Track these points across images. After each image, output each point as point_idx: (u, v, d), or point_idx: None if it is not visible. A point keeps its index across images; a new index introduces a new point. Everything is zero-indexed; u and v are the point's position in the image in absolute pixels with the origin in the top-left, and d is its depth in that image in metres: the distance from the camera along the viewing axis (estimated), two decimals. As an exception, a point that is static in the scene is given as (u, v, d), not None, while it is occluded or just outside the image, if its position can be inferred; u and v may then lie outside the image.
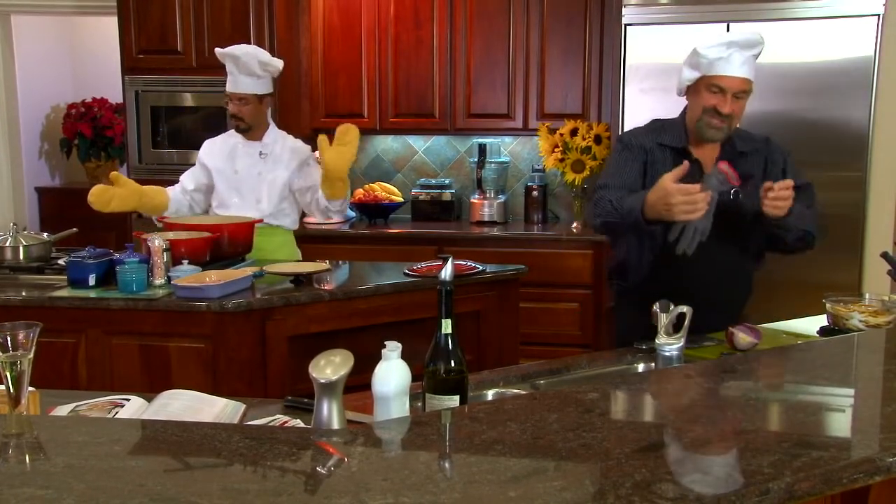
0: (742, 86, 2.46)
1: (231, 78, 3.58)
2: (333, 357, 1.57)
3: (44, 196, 6.17)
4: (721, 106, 2.45)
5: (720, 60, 2.44)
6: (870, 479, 1.32)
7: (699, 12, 4.21)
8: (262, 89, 3.61)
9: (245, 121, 3.61)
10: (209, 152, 3.74)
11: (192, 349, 2.87)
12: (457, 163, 5.30)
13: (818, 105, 4.13)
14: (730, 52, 2.43)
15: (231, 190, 3.67)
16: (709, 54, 2.44)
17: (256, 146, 3.67)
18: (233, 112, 3.61)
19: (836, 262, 4.17)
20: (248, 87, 3.58)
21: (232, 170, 3.67)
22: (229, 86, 3.60)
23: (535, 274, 3.91)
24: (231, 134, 3.73)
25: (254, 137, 3.67)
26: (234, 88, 3.58)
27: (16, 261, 3.28)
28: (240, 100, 3.58)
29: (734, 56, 2.43)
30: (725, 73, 2.44)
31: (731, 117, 2.48)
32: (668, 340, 2.12)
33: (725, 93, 2.45)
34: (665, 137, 2.60)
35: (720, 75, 2.44)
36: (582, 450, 1.34)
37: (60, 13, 5.76)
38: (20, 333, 1.50)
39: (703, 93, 2.48)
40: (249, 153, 3.66)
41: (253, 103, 3.60)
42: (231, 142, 3.71)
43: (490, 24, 4.85)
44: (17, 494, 1.17)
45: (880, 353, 2.03)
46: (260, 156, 3.66)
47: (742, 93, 2.47)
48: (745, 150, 2.59)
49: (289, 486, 1.21)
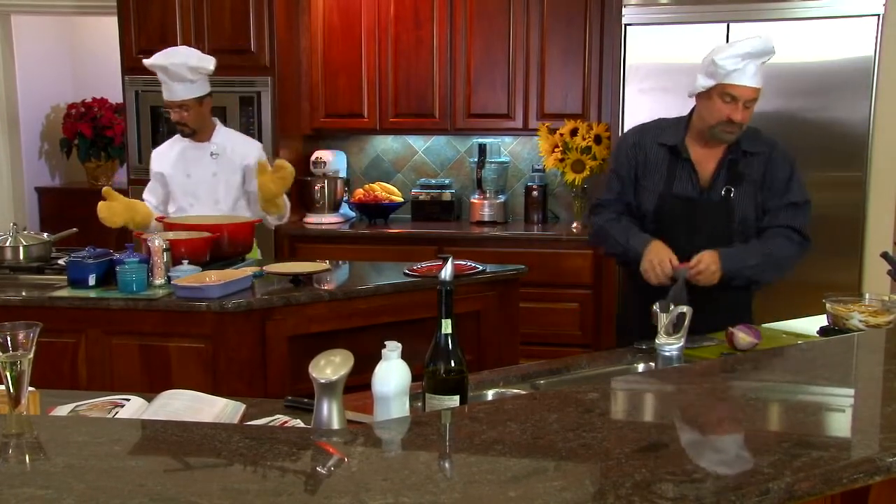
0: (754, 94, 2.53)
1: (165, 87, 3.53)
2: (333, 357, 1.57)
3: (44, 196, 6.17)
4: (734, 115, 2.52)
5: (736, 71, 2.49)
6: (870, 479, 1.32)
7: (699, 12, 4.21)
8: (198, 92, 3.55)
9: (189, 126, 3.60)
10: (160, 162, 3.71)
11: (192, 349, 2.87)
12: (457, 163, 5.30)
13: (818, 105, 4.12)
14: (745, 63, 2.48)
15: (187, 194, 3.67)
16: (726, 65, 2.48)
17: (206, 147, 3.66)
18: (175, 120, 3.58)
19: (836, 262, 4.17)
20: (183, 93, 3.53)
21: (184, 174, 3.66)
22: (165, 95, 3.55)
23: (535, 274, 3.91)
24: (177, 139, 3.72)
25: (202, 139, 3.66)
26: (170, 97, 3.54)
27: (16, 261, 3.28)
28: (179, 107, 3.55)
29: (749, 66, 2.49)
30: (740, 82, 2.49)
31: (742, 124, 2.55)
32: (668, 340, 2.12)
33: (738, 101, 2.51)
34: (664, 136, 2.67)
35: (735, 84, 2.50)
36: (582, 450, 1.34)
37: (60, 13, 5.76)
38: (20, 333, 1.50)
39: (716, 100, 2.54)
40: (200, 156, 3.65)
41: (193, 108, 3.56)
42: (178, 147, 3.69)
43: (490, 24, 4.85)
44: (17, 494, 1.17)
45: (880, 353, 2.03)
46: (212, 156, 3.65)
47: (752, 101, 2.54)
48: (750, 150, 2.63)
49: (289, 486, 1.21)
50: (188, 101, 3.54)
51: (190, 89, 3.53)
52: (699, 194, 2.62)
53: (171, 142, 3.75)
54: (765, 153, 2.65)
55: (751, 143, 2.63)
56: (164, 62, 3.49)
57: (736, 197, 2.59)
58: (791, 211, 2.63)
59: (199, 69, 3.53)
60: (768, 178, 2.62)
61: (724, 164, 2.62)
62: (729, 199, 2.59)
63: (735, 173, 2.60)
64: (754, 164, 2.63)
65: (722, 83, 2.51)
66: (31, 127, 6.10)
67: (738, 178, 2.60)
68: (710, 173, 2.63)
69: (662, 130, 2.70)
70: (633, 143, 2.71)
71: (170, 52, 3.57)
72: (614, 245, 2.65)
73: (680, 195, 2.62)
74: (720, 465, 1.28)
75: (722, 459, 1.31)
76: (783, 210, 2.62)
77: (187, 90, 3.53)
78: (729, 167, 2.61)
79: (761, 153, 2.64)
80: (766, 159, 2.64)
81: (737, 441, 1.40)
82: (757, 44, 2.49)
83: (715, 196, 2.61)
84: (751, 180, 2.62)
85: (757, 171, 2.63)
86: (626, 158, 2.70)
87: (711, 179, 2.63)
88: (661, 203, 2.65)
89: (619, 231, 2.64)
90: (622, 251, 2.63)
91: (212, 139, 3.66)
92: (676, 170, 2.63)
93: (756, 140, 2.66)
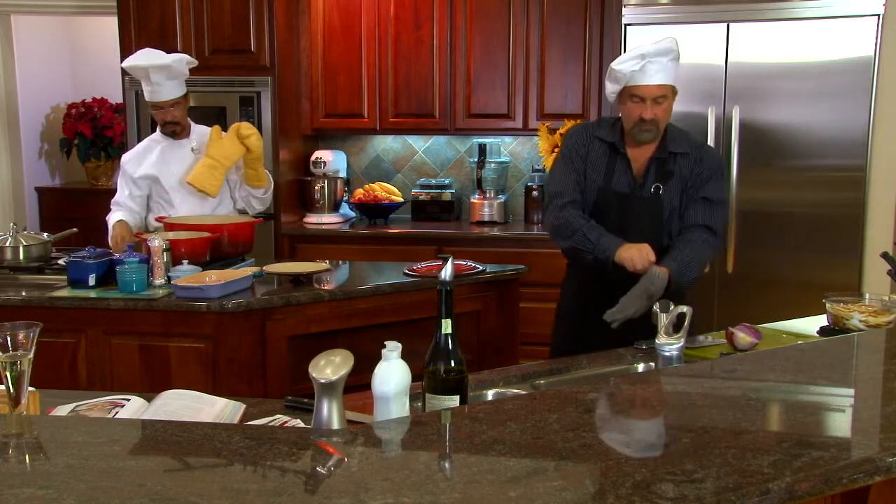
0: (659, 91, 2.64)
1: (156, 88, 3.53)
2: (333, 357, 1.57)
3: (44, 196, 6.16)
4: (644, 113, 2.64)
5: (635, 73, 2.63)
6: (870, 479, 1.32)
7: (699, 12, 4.21)
8: (184, 89, 3.63)
9: (180, 124, 3.64)
10: (138, 165, 3.67)
11: (192, 349, 2.87)
12: (457, 163, 5.30)
13: (818, 105, 4.12)
14: (643, 63, 2.61)
15: (173, 191, 3.65)
16: (624, 69, 2.64)
17: (185, 143, 3.68)
18: (168, 119, 3.60)
19: (836, 262, 4.17)
20: (176, 91, 3.57)
21: (169, 173, 3.65)
22: (158, 96, 3.55)
23: (535, 274, 3.91)
24: (151, 139, 3.73)
25: (182, 137, 3.68)
26: (162, 97, 3.55)
27: (16, 261, 3.28)
28: (172, 106, 3.57)
29: (647, 66, 2.62)
30: (641, 82, 2.63)
31: (656, 120, 2.64)
32: (668, 340, 2.12)
33: (645, 100, 2.63)
34: (602, 132, 2.79)
35: (637, 85, 2.63)
36: (582, 450, 1.34)
37: (60, 13, 5.75)
38: (20, 333, 1.50)
39: (628, 102, 2.68)
40: (181, 153, 3.66)
41: (182, 104, 3.62)
42: (155, 147, 3.69)
43: (490, 24, 4.85)
44: (17, 494, 1.17)
45: (880, 353, 2.03)
46: (192, 152, 3.67)
47: (661, 97, 2.64)
48: (676, 150, 2.73)
49: (289, 486, 1.21)
50: (179, 98, 3.59)
51: (181, 86, 3.59)
52: (632, 190, 2.73)
53: (145, 145, 3.74)
54: (691, 152, 2.74)
55: (676, 145, 2.74)
56: (166, 61, 3.50)
57: (665, 193, 2.70)
58: (705, 207, 2.71)
59: (192, 63, 3.62)
60: (694, 173, 2.73)
61: (653, 163, 2.72)
62: (658, 195, 2.70)
63: (664, 171, 2.71)
64: (683, 163, 2.73)
65: (626, 86, 2.65)
66: (31, 127, 6.10)
67: (667, 175, 2.71)
68: (641, 170, 2.74)
69: (602, 127, 2.82)
70: (580, 137, 2.82)
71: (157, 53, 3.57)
72: (583, 241, 2.69)
73: (617, 190, 2.73)
74: (720, 465, 1.28)
75: (722, 459, 1.31)
76: (698, 204, 2.71)
77: (179, 88, 3.58)
78: (658, 165, 2.71)
79: (689, 154, 2.74)
80: (697, 158, 2.74)
81: (737, 441, 1.39)
82: (652, 46, 2.63)
83: (646, 192, 2.71)
84: (680, 178, 2.72)
85: (686, 168, 2.73)
86: (576, 153, 2.80)
87: (643, 176, 2.73)
88: (599, 197, 2.75)
89: (589, 229, 2.69)
90: (591, 248, 2.67)
91: (190, 136, 3.70)
92: (615, 166, 2.74)
93: (682, 142, 2.76)
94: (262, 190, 3.72)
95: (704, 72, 4.22)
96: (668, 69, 2.65)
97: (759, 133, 4.19)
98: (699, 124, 4.12)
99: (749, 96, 4.18)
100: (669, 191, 2.71)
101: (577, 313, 2.84)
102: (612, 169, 2.73)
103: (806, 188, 4.20)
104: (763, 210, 4.24)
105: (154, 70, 3.49)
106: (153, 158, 3.67)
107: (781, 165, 4.21)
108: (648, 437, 1.47)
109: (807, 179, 4.20)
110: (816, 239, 4.21)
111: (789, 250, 4.23)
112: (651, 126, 2.65)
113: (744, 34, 4.16)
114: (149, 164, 3.66)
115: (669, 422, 1.56)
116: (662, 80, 2.63)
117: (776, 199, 4.23)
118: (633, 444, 1.42)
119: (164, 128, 3.65)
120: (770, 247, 4.25)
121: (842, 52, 4.07)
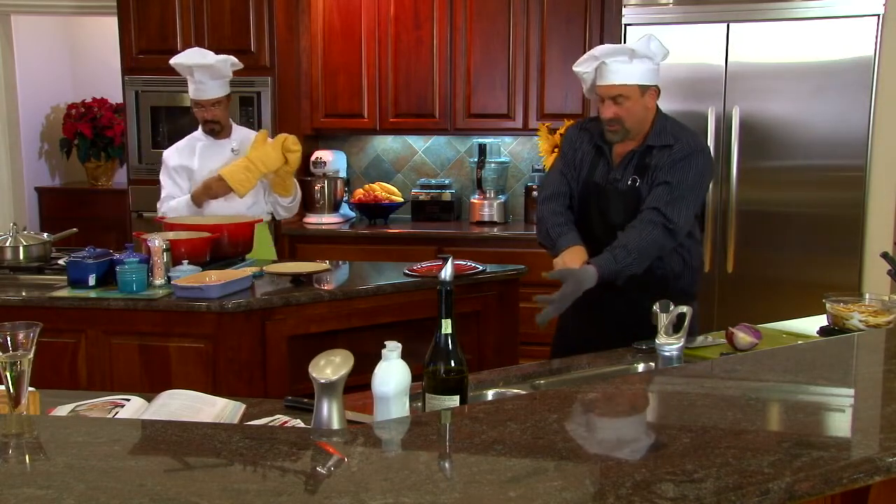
0: (616, 91, 2.65)
1: (201, 86, 3.60)
2: (333, 357, 1.57)
3: (44, 196, 6.17)
4: (603, 112, 2.67)
5: (589, 74, 2.70)
6: (870, 479, 1.32)
7: (699, 12, 4.21)
8: (228, 90, 3.70)
9: (221, 123, 3.70)
10: (182, 157, 3.74)
11: (192, 349, 2.87)
12: (457, 163, 5.30)
13: (818, 105, 4.13)
14: (597, 63, 2.66)
15: None
16: (579, 70, 2.72)
17: (225, 143, 3.73)
18: (209, 118, 3.66)
19: (836, 262, 4.17)
20: (219, 90, 3.65)
21: (206, 169, 3.68)
22: (201, 94, 3.61)
23: (535, 274, 3.89)
24: (193, 137, 3.78)
25: (223, 136, 3.74)
26: (205, 95, 3.62)
27: (16, 261, 3.28)
28: (214, 105, 3.64)
29: (602, 67, 2.65)
30: (599, 83, 2.67)
31: (619, 120, 2.65)
32: (668, 340, 2.12)
33: (604, 100, 2.67)
34: (591, 125, 2.84)
35: (598, 86, 2.68)
36: (582, 450, 1.34)
37: (60, 13, 5.75)
38: (20, 333, 1.50)
39: (599, 103, 2.71)
40: (220, 152, 3.71)
41: (224, 104, 3.70)
42: (196, 144, 3.75)
43: (490, 24, 4.85)
44: (16, 494, 1.17)
45: (880, 353, 2.03)
46: (232, 152, 3.70)
47: (620, 97, 2.64)
48: (655, 144, 2.72)
49: (289, 486, 1.21)
50: (221, 98, 3.66)
51: (224, 86, 3.66)
52: (611, 182, 2.74)
53: (188, 140, 3.80)
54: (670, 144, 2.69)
55: (657, 138, 2.71)
56: (209, 60, 3.57)
57: (641, 186, 2.69)
58: (663, 190, 2.61)
59: (236, 64, 3.68)
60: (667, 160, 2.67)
61: (631, 157, 2.72)
62: (636, 187, 2.70)
63: (641, 164, 2.70)
64: (662, 155, 2.69)
65: (592, 87, 2.72)
66: (31, 127, 6.10)
67: (643, 169, 2.69)
68: (621, 164, 2.74)
69: (593, 121, 2.85)
70: (573, 132, 2.87)
71: (200, 51, 3.66)
72: (546, 239, 2.78)
73: (597, 183, 2.76)
74: (720, 465, 1.28)
75: (722, 459, 1.31)
76: (658, 187, 2.63)
77: (221, 88, 3.65)
78: (637, 159, 2.71)
79: (672, 146, 2.68)
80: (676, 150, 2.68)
81: (737, 441, 1.39)
82: (605, 47, 2.68)
83: (623, 185, 2.72)
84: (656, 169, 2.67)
85: (663, 160, 2.68)
86: (569, 146, 2.85)
87: (622, 170, 2.74)
88: (582, 189, 2.79)
89: (553, 226, 2.75)
90: (551, 245, 2.75)
91: (231, 136, 3.75)
92: (599, 160, 2.77)
93: (666, 136, 2.71)
94: (288, 199, 3.79)
95: (704, 71, 4.22)
96: (632, 69, 2.62)
97: (759, 133, 4.20)
98: (699, 124, 4.12)
99: (749, 96, 4.18)
100: (647, 184, 2.68)
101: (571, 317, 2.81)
102: (595, 162, 2.77)
103: (806, 188, 4.20)
104: (763, 210, 4.24)
105: (198, 69, 3.57)
106: (193, 154, 3.73)
107: (781, 165, 4.21)
108: (648, 437, 1.47)
109: (807, 179, 4.20)
110: (816, 239, 4.21)
111: (789, 250, 4.23)
112: (615, 126, 2.66)
113: (744, 34, 4.16)
114: (186, 158, 3.73)
115: (669, 422, 1.55)
116: (621, 80, 2.63)
117: (776, 199, 4.24)
118: (633, 443, 1.42)
119: (204, 126, 3.71)
120: (770, 247, 4.25)
121: (842, 52, 4.07)
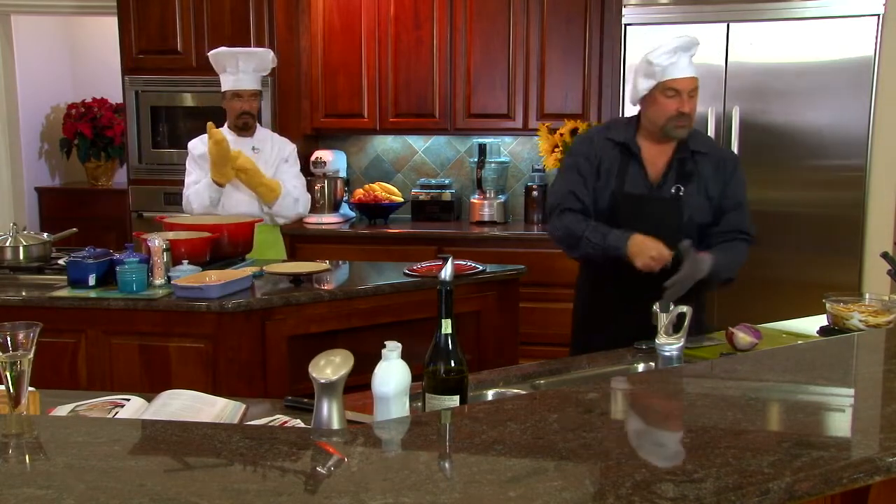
0: (693, 84, 2.63)
1: (242, 76, 3.64)
2: (333, 357, 1.57)
3: (44, 196, 6.16)
4: (682, 107, 2.62)
5: (671, 66, 2.62)
6: (870, 479, 1.32)
7: (699, 12, 4.21)
8: (261, 85, 3.77)
9: (254, 116, 3.73)
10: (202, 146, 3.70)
11: (192, 349, 2.87)
12: (457, 163, 5.30)
13: (818, 105, 4.13)
14: (677, 56, 2.62)
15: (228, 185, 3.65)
16: (661, 62, 2.62)
17: (248, 142, 3.72)
18: (245, 109, 3.67)
19: (836, 262, 4.18)
20: (258, 83, 3.70)
21: None
22: (242, 84, 3.64)
23: (535, 274, 3.91)
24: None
25: (248, 134, 3.74)
26: (249, 85, 3.66)
27: (16, 261, 3.27)
28: (251, 96, 3.68)
29: (681, 59, 2.62)
30: (678, 75, 2.62)
31: (690, 115, 2.65)
32: (668, 340, 2.12)
33: (681, 93, 2.61)
34: (613, 133, 2.75)
35: (674, 78, 2.62)
36: (582, 450, 1.34)
37: (60, 13, 5.75)
38: (20, 333, 1.50)
39: (660, 99, 2.63)
40: (242, 148, 3.67)
41: (258, 97, 3.75)
42: None
43: (490, 24, 4.85)
44: (16, 494, 1.17)
45: (880, 353, 2.03)
46: (253, 150, 3.69)
47: (694, 90, 2.64)
48: (697, 149, 2.70)
49: (289, 486, 1.21)
50: (259, 90, 3.72)
51: (261, 81, 3.73)
52: (650, 191, 2.68)
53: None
54: (713, 154, 2.72)
55: (697, 143, 2.71)
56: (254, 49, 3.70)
57: (685, 195, 2.66)
58: (740, 213, 2.71)
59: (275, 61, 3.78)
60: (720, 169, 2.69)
61: (673, 163, 2.68)
62: (679, 196, 2.65)
63: (684, 172, 2.67)
64: (704, 163, 2.69)
65: (662, 80, 2.62)
66: (31, 127, 6.10)
67: (688, 176, 2.67)
68: (659, 171, 2.69)
69: (612, 129, 2.79)
70: (589, 143, 2.77)
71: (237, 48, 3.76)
72: (589, 246, 2.63)
73: (632, 193, 2.68)
74: (720, 465, 1.28)
75: (722, 459, 1.31)
76: (734, 211, 2.70)
77: (259, 81, 3.71)
78: (679, 166, 2.67)
79: (709, 154, 2.71)
80: (717, 159, 2.71)
81: (737, 441, 1.39)
82: (683, 39, 2.64)
83: (665, 193, 2.67)
84: (701, 179, 2.68)
85: (707, 170, 2.69)
86: (585, 157, 2.74)
87: (661, 177, 2.68)
88: (613, 201, 2.69)
89: (592, 232, 2.63)
90: (600, 251, 2.61)
91: (255, 135, 3.77)
92: (628, 168, 2.69)
93: (702, 141, 2.75)
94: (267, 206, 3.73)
95: (704, 72, 4.19)
96: (692, 63, 2.65)
97: (759, 133, 4.20)
98: (699, 124, 4.11)
99: (749, 96, 4.18)
100: (690, 192, 2.65)
101: (593, 314, 2.79)
102: (625, 171, 2.67)
103: (806, 188, 4.20)
104: (763, 210, 4.23)
105: (243, 57, 3.62)
106: None
107: (781, 165, 4.21)
108: (648, 436, 1.47)
109: (807, 179, 4.20)
110: (816, 239, 4.21)
111: (789, 250, 4.23)
112: (686, 121, 2.63)
113: (744, 34, 4.16)
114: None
115: (669, 422, 1.56)
116: (695, 73, 2.63)
117: (776, 199, 4.23)
118: (632, 443, 1.42)
119: (237, 119, 3.69)
120: (770, 247, 4.24)
121: (842, 52, 4.07)
